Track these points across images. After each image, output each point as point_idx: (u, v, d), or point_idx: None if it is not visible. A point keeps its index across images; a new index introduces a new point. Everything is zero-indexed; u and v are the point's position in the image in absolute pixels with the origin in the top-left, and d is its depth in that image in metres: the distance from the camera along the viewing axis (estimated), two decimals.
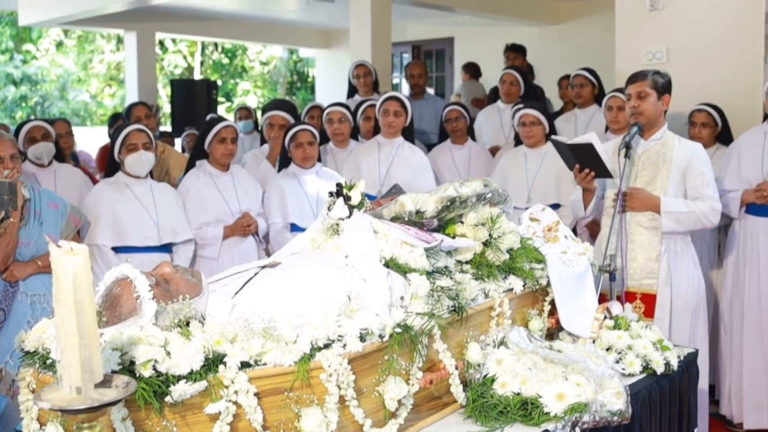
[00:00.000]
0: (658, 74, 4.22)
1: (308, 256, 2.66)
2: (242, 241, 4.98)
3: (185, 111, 11.35)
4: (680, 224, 4.15)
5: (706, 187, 4.18)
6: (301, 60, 22.14)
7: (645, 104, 4.18)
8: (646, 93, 4.17)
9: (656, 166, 4.22)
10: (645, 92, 4.17)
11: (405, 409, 2.36)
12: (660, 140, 4.25)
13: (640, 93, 4.18)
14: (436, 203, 2.84)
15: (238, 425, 2.03)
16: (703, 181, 4.18)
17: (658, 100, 4.20)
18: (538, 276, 3.00)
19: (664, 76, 4.23)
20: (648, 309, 4.13)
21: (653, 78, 4.18)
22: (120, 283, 2.14)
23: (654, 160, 4.23)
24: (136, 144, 4.56)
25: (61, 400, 1.62)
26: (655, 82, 4.17)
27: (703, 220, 4.16)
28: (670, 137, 4.27)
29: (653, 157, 4.23)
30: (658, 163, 4.22)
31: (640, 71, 4.27)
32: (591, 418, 2.46)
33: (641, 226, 4.20)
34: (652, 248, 4.19)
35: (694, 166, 4.18)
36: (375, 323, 2.25)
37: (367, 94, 7.13)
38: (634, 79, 4.23)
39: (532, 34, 10.94)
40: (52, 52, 22.36)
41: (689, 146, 4.27)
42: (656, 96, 4.19)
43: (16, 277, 3.90)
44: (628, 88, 4.24)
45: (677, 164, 4.19)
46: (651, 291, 4.16)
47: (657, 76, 4.19)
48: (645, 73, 4.21)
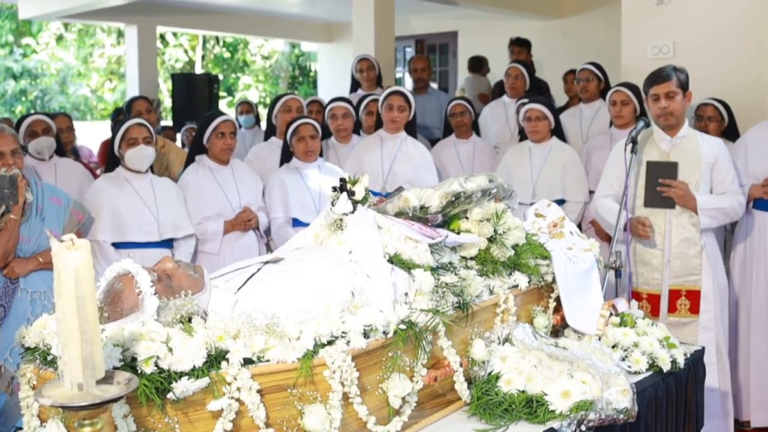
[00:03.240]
0: (679, 71, 4.26)
1: (311, 251, 2.63)
2: (243, 236, 4.96)
3: (186, 105, 11.33)
4: (714, 220, 4.28)
5: (732, 182, 4.31)
6: (303, 54, 22.13)
7: (674, 104, 4.23)
8: (674, 92, 4.22)
9: (686, 163, 4.27)
10: (673, 92, 4.22)
11: (409, 407, 2.34)
12: (686, 137, 4.32)
13: (669, 93, 4.23)
14: (441, 198, 2.82)
15: (240, 422, 2.01)
16: (729, 176, 4.31)
17: (683, 98, 4.26)
18: (543, 272, 2.97)
19: (683, 71, 4.28)
20: (693, 305, 4.23)
21: (677, 76, 4.23)
22: (121, 278, 2.13)
23: (683, 158, 4.28)
24: (136, 138, 4.53)
25: (62, 396, 1.60)
26: (679, 80, 4.23)
27: (732, 215, 4.34)
28: (692, 132, 4.35)
29: (682, 155, 4.29)
30: (688, 160, 4.28)
31: (662, 71, 4.28)
32: (597, 416, 2.43)
33: (682, 226, 4.26)
34: (693, 245, 4.26)
35: (722, 162, 4.30)
36: (379, 319, 2.23)
37: (370, 89, 7.10)
38: (660, 80, 4.25)
39: (537, 28, 10.90)
40: (52, 46, 22.35)
41: (713, 141, 4.38)
42: (682, 94, 4.25)
43: (17, 273, 3.87)
44: (653, 88, 4.27)
45: (706, 160, 4.28)
46: (695, 287, 4.25)
47: (680, 74, 4.25)
48: (669, 73, 4.24)
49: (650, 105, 4.36)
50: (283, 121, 5.66)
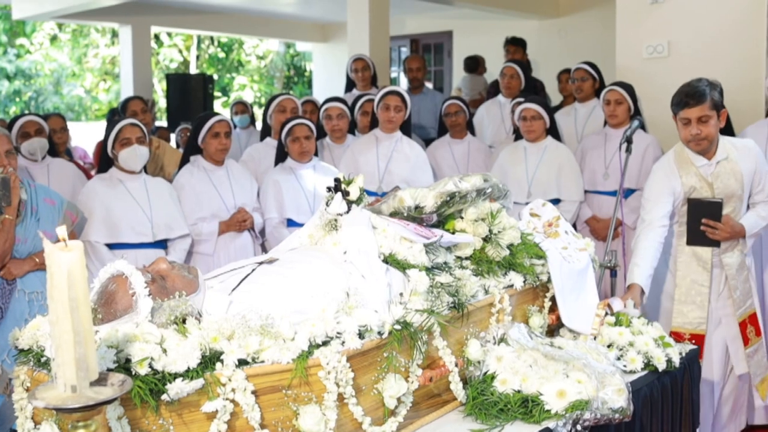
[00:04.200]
0: (714, 89, 3.84)
1: (306, 252, 2.63)
2: (238, 237, 4.95)
3: (181, 106, 11.32)
4: (756, 236, 4.13)
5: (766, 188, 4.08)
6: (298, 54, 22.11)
7: (708, 128, 3.83)
8: (707, 117, 3.82)
9: (728, 183, 3.97)
10: (707, 116, 3.81)
11: (404, 407, 2.34)
12: (727, 159, 3.96)
13: (702, 118, 3.81)
14: (436, 198, 2.82)
15: (235, 423, 2.01)
16: (765, 181, 4.05)
17: (717, 120, 3.87)
18: (538, 272, 2.97)
19: (716, 87, 3.87)
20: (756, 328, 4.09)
21: (711, 97, 3.80)
22: (115, 279, 2.12)
23: (725, 179, 3.96)
24: (129, 138, 4.52)
25: (55, 398, 1.60)
26: (713, 101, 3.81)
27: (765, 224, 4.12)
28: (729, 149, 3.99)
29: (723, 176, 3.96)
30: (730, 181, 3.97)
31: (695, 91, 3.81)
32: (592, 416, 2.43)
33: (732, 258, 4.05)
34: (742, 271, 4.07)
35: (760, 167, 4.03)
36: (374, 320, 2.23)
37: (365, 89, 7.09)
38: (693, 103, 3.80)
39: (532, 28, 10.90)
40: (46, 46, 22.31)
41: (746, 148, 4.03)
42: (716, 116, 3.85)
43: (14, 274, 3.86)
44: (683, 111, 3.83)
45: (747, 174, 3.98)
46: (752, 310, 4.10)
47: (714, 93, 3.82)
48: (703, 94, 3.79)
49: (679, 127, 3.92)
50: (277, 122, 5.65)
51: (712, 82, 3.89)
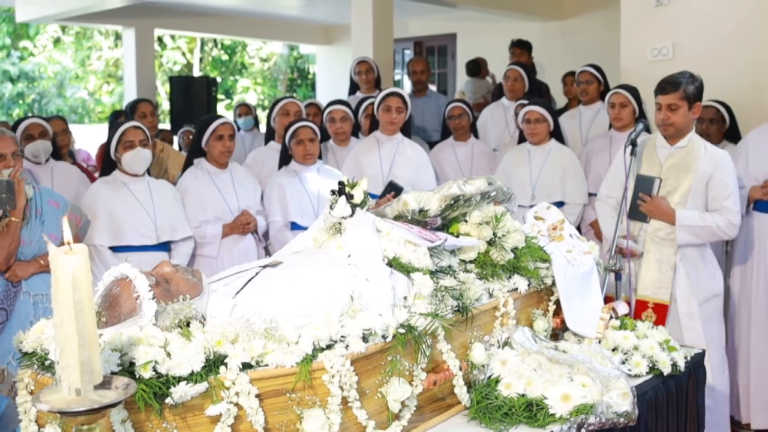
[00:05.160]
0: (691, 83, 4.10)
1: (310, 255, 2.62)
2: (242, 240, 4.95)
3: (184, 108, 11.31)
4: (696, 237, 4.13)
5: (727, 199, 4.12)
6: (302, 56, 22.11)
7: (675, 116, 4.11)
8: (677, 105, 4.10)
9: (679, 174, 4.17)
10: (676, 104, 4.10)
11: (408, 411, 2.33)
12: (685, 147, 4.19)
13: (671, 105, 4.11)
14: (440, 201, 2.81)
15: (239, 427, 2.00)
16: (725, 193, 4.11)
17: (689, 110, 4.13)
18: (543, 275, 2.96)
19: (695, 81, 4.12)
20: (660, 318, 4.11)
21: (685, 89, 4.08)
22: (119, 282, 2.11)
23: (678, 169, 4.17)
24: (132, 141, 4.52)
25: (60, 401, 1.59)
26: (686, 93, 4.08)
27: (719, 234, 4.14)
28: (697, 145, 4.18)
29: (677, 165, 4.18)
30: (682, 172, 4.16)
31: (672, 80, 4.13)
32: (597, 420, 2.43)
33: (657, 237, 4.17)
34: (666, 260, 4.16)
35: (717, 176, 4.12)
36: (378, 323, 2.22)
37: (369, 91, 7.09)
38: (665, 90, 4.12)
39: (536, 30, 10.89)
40: (49, 49, 22.32)
41: (715, 155, 4.18)
42: (687, 107, 4.11)
43: (19, 276, 3.86)
44: (657, 97, 4.15)
45: (701, 174, 4.13)
46: (663, 301, 4.14)
47: (689, 86, 4.08)
48: (677, 84, 4.09)
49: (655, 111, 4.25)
50: (281, 125, 5.65)
51: (694, 76, 4.14)
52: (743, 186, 4.79)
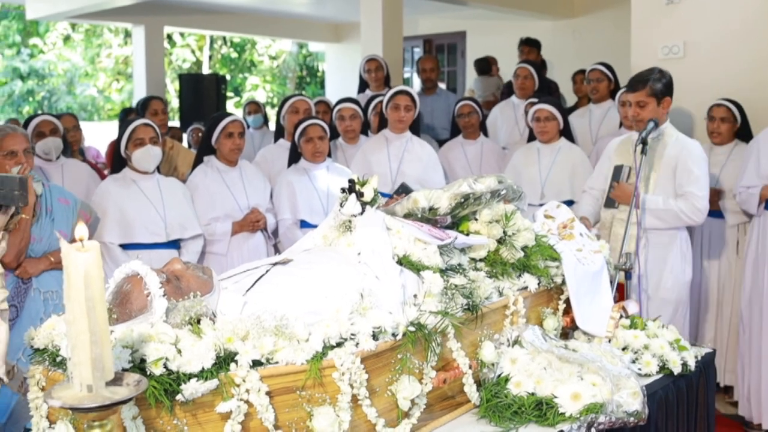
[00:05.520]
0: (658, 79, 4.26)
1: (320, 253, 2.62)
2: (251, 237, 4.95)
3: (194, 106, 11.32)
4: (660, 221, 4.27)
5: (691, 185, 4.23)
6: (311, 54, 22.11)
7: (645, 113, 4.29)
8: (645, 102, 4.28)
9: (650, 163, 4.32)
10: (644, 101, 4.28)
11: (418, 409, 2.33)
12: (656, 138, 4.33)
13: (640, 102, 4.29)
14: (450, 200, 2.80)
15: (249, 424, 2.00)
16: (689, 179, 4.24)
17: (657, 106, 4.28)
18: (553, 274, 2.95)
19: (663, 78, 4.28)
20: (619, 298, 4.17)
21: (651, 86, 4.25)
22: (130, 280, 2.12)
23: (648, 157, 4.30)
24: (143, 139, 4.53)
25: (71, 398, 1.60)
26: (653, 90, 4.25)
27: (684, 218, 4.25)
28: (668, 134, 4.34)
29: (648, 154, 4.30)
30: (652, 160, 4.32)
31: (640, 78, 4.32)
32: (607, 419, 2.42)
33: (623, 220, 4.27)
34: (630, 242, 4.25)
35: (682, 163, 4.26)
36: (388, 321, 2.22)
37: (379, 89, 7.09)
38: (633, 88, 4.31)
39: (546, 29, 10.86)
40: (59, 46, 22.37)
41: (683, 143, 4.33)
42: (655, 103, 4.27)
43: (29, 273, 3.88)
44: (625, 94, 4.35)
45: (667, 161, 4.28)
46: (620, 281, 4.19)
47: (656, 83, 4.25)
48: (644, 81, 4.27)
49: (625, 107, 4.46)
50: (290, 123, 5.66)
51: (663, 72, 4.34)
52: (755, 185, 4.78)
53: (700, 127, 5.41)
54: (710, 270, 5.37)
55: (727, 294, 5.31)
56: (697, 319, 5.42)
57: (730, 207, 5.21)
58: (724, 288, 5.33)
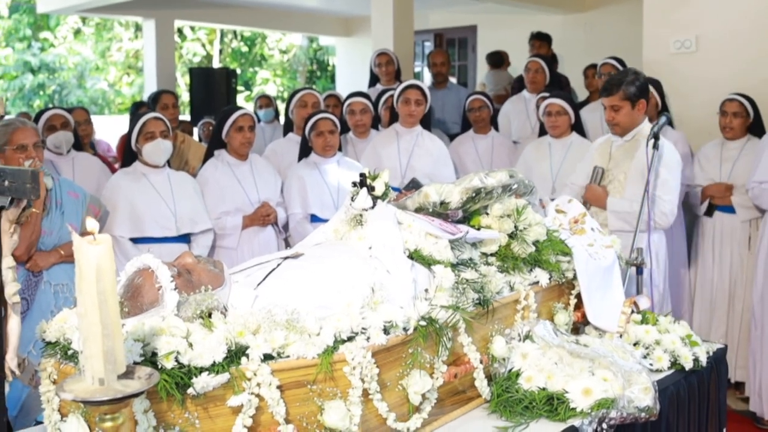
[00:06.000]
0: (631, 82, 4.24)
1: (331, 247, 2.62)
2: (262, 231, 4.95)
3: (204, 100, 11.32)
4: (626, 224, 4.21)
5: (659, 188, 4.18)
6: (321, 48, 22.07)
7: (619, 116, 4.30)
8: (619, 106, 4.28)
9: (622, 164, 4.32)
10: (618, 105, 4.28)
11: (429, 403, 2.32)
12: (630, 140, 4.34)
13: (614, 106, 4.29)
14: (461, 194, 2.79)
15: (260, 418, 2.01)
16: (657, 182, 4.17)
17: (632, 109, 4.28)
18: (564, 269, 2.95)
19: (637, 80, 4.26)
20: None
21: (625, 90, 4.24)
22: (142, 273, 2.12)
23: (620, 159, 4.32)
24: (153, 132, 4.53)
25: (83, 391, 1.60)
26: (626, 94, 4.26)
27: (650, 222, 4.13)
28: (643, 136, 4.29)
29: (620, 156, 4.34)
30: (624, 162, 4.31)
31: (612, 81, 4.31)
32: (618, 414, 2.41)
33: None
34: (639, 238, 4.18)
35: (657, 168, 4.17)
36: (399, 316, 2.22)
37: (389, 83, 7.07)
38: (607, 92, 4.31)
39: (557, 23, 10.81)
40: (69, 40, 22.40)
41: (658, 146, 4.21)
42: (630, 106, 4.29)
43: (40, 266, 3.89)
44: (602, 98, 4.35)
45: (637, 162, 4.24)
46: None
47: (629, 86, 4.24)
48: (617, 84, 4.26)
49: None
50: (299, 117, 5.66)
51: (638, 74, 4.34)
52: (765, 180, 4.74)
53: (712, 121, 5.37)
54: (722, 265, 5.35)
55: (738, 289, 5.29)
56: (708, 314, 5.41)
57: (742, 202, 5.19)
58: (736, 283, 5.30)
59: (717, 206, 5.35)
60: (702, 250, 5.45)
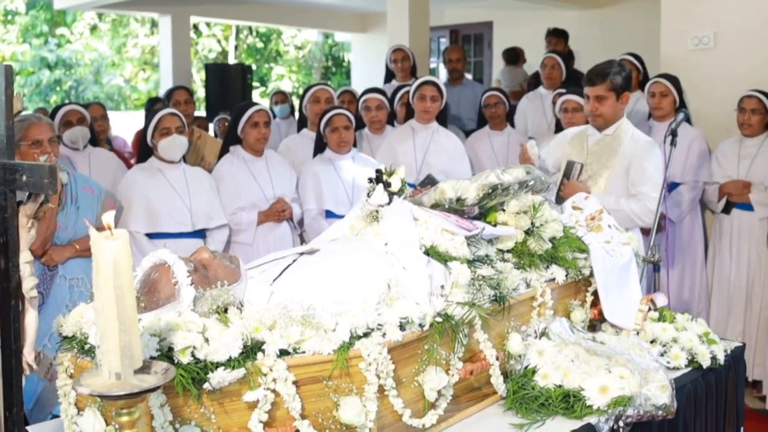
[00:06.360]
0: (618, 72, 4.13)
1: (347, 243, 2.62)
2: (277, 227, 4.96)
3: (220, 96, 11.34)
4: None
5: (644, 185, 4.09)
6: (337, 44, 22.07)
7: (603, 107, 4.15)
8: (604, 96, 4.13)
9: (602, 159, 4.20)
10: (603, 96, 4.13)
11: (444, 400, 2.32)
12: (612, 134, 4.21)
13: (599, 97, 4.14)
14: (478, 190, 2.78)
15: (276, 413, 2.01)
16: (642, 179, 4.10)
17: (617, 101, 4.16)
18: (580, 266, 2.93)
19: (623, 71, 4.15)
20: None
21: (612, 80, 4.11)
22: (158, 268, 2.12)
23: (601, 154, 4.20)
24: (169, 128, 4.54)
25: (100, 385, 1.60)
26: (613, 84, 4.12)
27: (634, 219, 4.09)
28: (624, 131, 4.21)
29: (600, 151, 4.21)
30: (605, 157, 4.19)
31: (599, 71, 4.17)
32: (635, 412, 2.40)
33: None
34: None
35: (637, 162, 4.12)
36: (415, 312, 2.21)
37: (405, 79, 7.07)
38: (592, 82, 4.16)
39: (573, 19, 10.76)
40: (86, 36, 22.49)
41: (638, 141, 4.20)
42: (615, 97, 4.14)
43: (55, 261, 3.91)
44: (586, 88, 4.20)
45: (621, 158, 4.15)
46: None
47: (616, 77, 4.12)
48: (604, 75, 4.12)
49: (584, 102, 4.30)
50: (312, 112, 5.66)
51: (623, 66, 4.19)
52: None
53: (730, 118, 5.34)
54: (739, 263, 5.32)
55: (756, 287, 5.25)
56: (725, 312, 5.38)
57: (760, 199, 5.16)
58: (754, 281, 5.27)
59: (735, 203, 5.32)
60: (719, 247, 5.42)
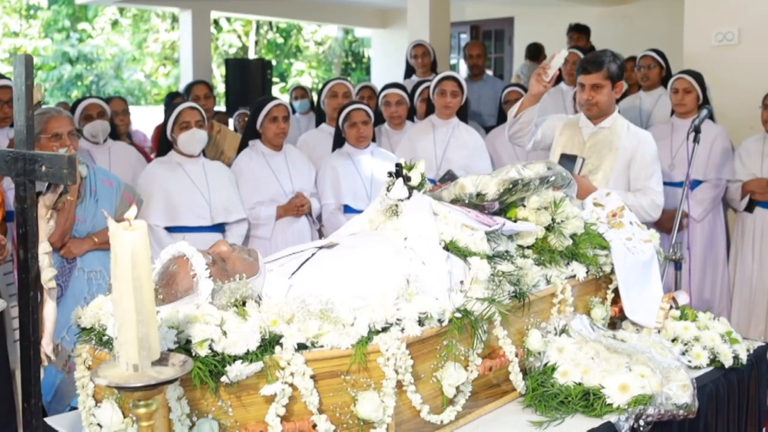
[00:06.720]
0: (613, 61, 4.07)
1: (366, 237, 2.60)
2: (295, 221, 4.95)
3: (240, 91, 11.36)
4: None
5: (650, 179, 4.06)
6: (357, 40, 22.09)
7: (599, 96, 4.08)
8: (600, 85, 4.07)
9: (601, 153, 4.12)
10: (599, 84, 4.07)
11: (463, 396, 2.30)
12: (609, 127, 4.14)
13: (594, 85, 4.07)
14: (498, 186, 2.76)
15: (293, 407, 2.00)
16: (647, 173, 4.06)
17: (612, 90, 4.10)
18: (601, 263, 2.90)
19: (617, 60, 4.10)
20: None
21: (608, 68, 4.05)
22: (177, 260, 2.12)
23: (600, 148, 4.13)
24: (188, 122, 4.55)
25: (118, 377, 1.60)
26: (609, 72, 4.05)
27: (642, 214, 4.03)
28: (620, 124, 4.15)
29: (599, 144, 4.14)
30: (604, 151, 4.12)
31: (594, 59, 4.11)
32: (656, 411, 2.38)
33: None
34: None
35: (640, 156, 4.07)
36: (434, 307, 2.19)
37: (425, 75, 7.05)
38: (587, 70, 4.08)
39: (595, 15, 10.69)
40: (107, 31, 22.63)
41: (638, 135, 4.15)
42: (610, 86, 4.08)
43: (74, 253, 3.92)
44: (580, 77, 4.12)
45: (623, 153, 4.08)
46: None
47: (611, 65, 4.06)
48: (599, 63, 4.06)
49: (577, 91, 4.21)
50: (330, 107, 5.66)
51: (616, 55, 4.13)
52: None
53: (754, 115, 5.28)
54: (762, 262, 5.27)
55: None
56: (747, 312, 5.32)
57: None
58: None
59: (758, 202, 5.26)
60: (741, 246, 5.37)
